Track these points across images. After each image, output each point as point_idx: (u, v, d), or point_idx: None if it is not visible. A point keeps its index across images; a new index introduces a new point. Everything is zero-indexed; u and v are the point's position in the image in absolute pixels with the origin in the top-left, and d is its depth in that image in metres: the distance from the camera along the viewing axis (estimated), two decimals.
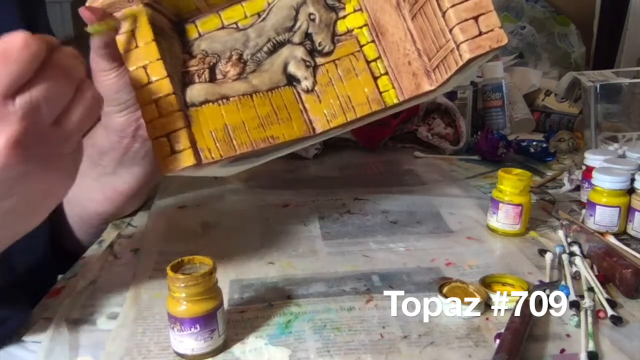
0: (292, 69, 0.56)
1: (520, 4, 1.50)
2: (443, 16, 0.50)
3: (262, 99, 0.54)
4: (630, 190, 0.63)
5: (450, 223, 0.67)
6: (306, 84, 0.56)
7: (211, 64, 0.54)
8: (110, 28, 0.49)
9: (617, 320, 0.46)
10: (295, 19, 0.56)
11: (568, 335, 0.44)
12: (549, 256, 0.56)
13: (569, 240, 0.60)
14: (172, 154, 0.50)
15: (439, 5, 0.50)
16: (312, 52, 0.56)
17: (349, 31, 0.57)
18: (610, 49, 1.49)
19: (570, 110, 1.19)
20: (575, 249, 0.57)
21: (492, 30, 0.50)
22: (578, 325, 0.45)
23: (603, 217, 0.63)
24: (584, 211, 0.67)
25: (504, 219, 0.63)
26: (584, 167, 0.73)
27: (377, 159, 0.97)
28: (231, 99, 0.54)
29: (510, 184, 0.62)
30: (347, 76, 0.56)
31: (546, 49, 1.46)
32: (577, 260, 0.54)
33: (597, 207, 0.63)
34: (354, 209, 0.72)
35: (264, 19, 0.56)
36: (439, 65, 0.53)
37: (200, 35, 0.55)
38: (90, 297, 0.51)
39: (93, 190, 0.64)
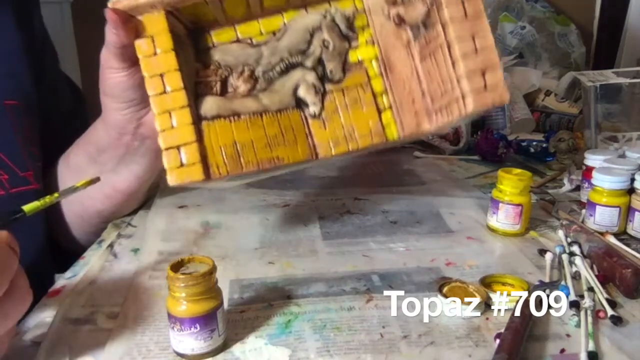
0: (302, 92, 0.56)
1: (520, 4, 1.50)
2: (452, 64, 0.51)
3: (271, 120, 0.55)
4: (630, 190, 0.63)
5: (450, 223, 0.67)
6: (314, 109, 0.57)
7: (223, 76, 0.54)
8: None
9: (617, 320, 0.46)
10: (309, 43, 0.57)
11: (568, 335, 0.44)
12: (549, 256, 0.56)
13: (569, 240, 0.60)
14: (181, 166, 0.50)
15: (450, 53, 0.51)
16: (323, 78, 0.57)
17: (360, 62, 0.58)
18: (610, 49, 1.49)
19: (570, 110, 1.19)
20: (575, 249, 0.57)
21: (496, 86, 0.51)
22: (578, 325, 0.45)
23: (603, 217, 0.63)
24: (584, 211, 0.67)
25: (504, 219, 0.63)
26: (584, 167, 0.73)
27: (377, 159, 0.97)
28: (242, 116, 0.54)
29: (510, 184, 0.62)
30: (353, 106, 0.57)
31: (546, 49, 1.46)
32: (577, 260, 0.54)
33: (597, 207, 0.63)
34: (354, 209, 0.72)
35: (278, 38, 0.56)
36: (441, 109, 0.55)
37: (214, 46, 0.55)
38: (90, 297, 0.51)
39: (92, 188, 0.64)
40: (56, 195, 0.45)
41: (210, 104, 0.53)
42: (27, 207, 0.42)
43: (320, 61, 0.57)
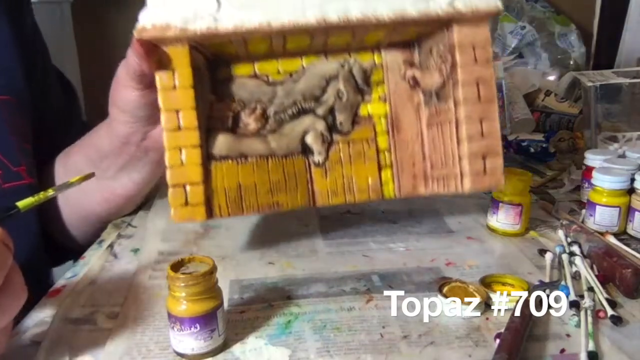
0: (310, 140, 0.57)
1: (520, 4, 1.50)
2: (457, 142, 0.53)
3: (277, 165, 0.56)
4: (630, 190, 0.63)
5: (450, 223, 0.67)
6: (319, 158, 0.57)
7: (236, 111, 0.55)
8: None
9: (617, 320, 0.46)
10: (324, 90, 0.57)
11: (568, 335, 0.44)
12: (549, 256, 0.56)
13: (569, 240, 0.60)
14: (186, 205, 0.51)
15: (457, 131, 0.53)
16: (331, 128, 0.58)
17: (369, 117, 0.58)
18: (610, 49, 1.49)
19: (570, 110, 1.19)
20: (575, 249, 0.57)
21: (495, 171, 0.53)
22: (578, 325, 0.45)
23: (603, 217, 0.63)
24: (584, 211, 0.67)
25: (504, 219, 0.63)
26: (584, 167, 0.73)
27: None
28: (249, 159, 0.55)
29: (510, 184, 0.62)
30: (356, 159, 0.58)
31: (546, 49, 1.46)
32: (577, 260, 0.54)
33: (597, 207, 0.63)
34: (354, 209, 0.72)
35: (295, 80, 0.56)
36: (439, 179, 0.57)
37: (231, 78, 0.55)
38: (90, 297, 0.51)
39: (92, 192, 0.64)
40: (50, 191, 0.45)
41: (220, 144, 0.54)
42: (21, 203, 0.42)
43: (332, 111, 0.57)
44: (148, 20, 0.48)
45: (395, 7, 0.50)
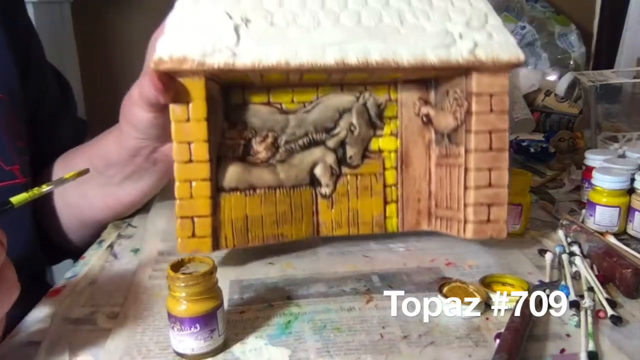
0: (319, 172, 0.57)
1: (520, 4, 1.50)
2: (464, 189, 0.54)
3: (284, 197, 0.56)
4: (630, 190, 0.63)
5: None
6: (326, 190, 0.58)
7: (247, 138, 0.55)
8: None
9: (617, 320, 0.46)
10: (337, 123, 0.57)
11: (568, 335, 0.44)
12: (549, 256, 0.56)
13: (569, 240, 0.60)
14: (192, 237, 0.51)
15: (465, 178, 0.54)
16: (341, 161, 0.58)
17: (380, 151, 0.58)
18: (610, 49, 1.49)
19: (570, 110, 1.19)
20: (575, 249, 0.57)
21: (498, 221, 0.54)
22: (578, 325, 0.45)
23: (603, 217, 0.63)
24: (584, 211, 0.67)
25: None
26: (584, 167, 0.73)
27: None
28: (257, 190, 0.55)
29: (510, 184, 0.62)
30: (363, 193, 0.58)
31: (546, 49, 1.46)
32: (577, 260, 0.54)
33: (597, 207, 0.63)
34: None
35: (308, 110, 0.56)
36: (442, 219, 0.58)
37: (244, 104, 0.55)
38: (90, 297, 0.51)
39: (95, 198, 0.64)
40: (44, 186, 0.44)
41: (230, 176, 0.54)
42: (15, 199, 0.42)
43: (343, 144, 0.57)
44: (165, 52, 0.47)
45: (416, 52, 0.50)
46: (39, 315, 0.48)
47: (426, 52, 0.50)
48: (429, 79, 0.57)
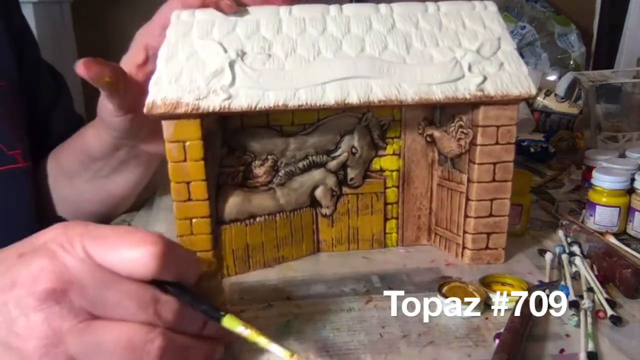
0: (319, 194, 0.57)
1: (520, 4, 1.50)
2: (465, 217, 0.54)
3: (284, 221, 0.56)
4: (630, 190, 0.63)
5: None
6: (326, 211, 0.57)
7: (246, 163, 0.53)
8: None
9: (616, 320, 0.46)
10: (337, 145, 0.56)
11: (567, 335, 0.44)
12: (548, 256, 0.56)
13: (569, 240, 0.60)
14: None
15: (465, 206, 0.54)
16: (342, 182, 0.57)
17: (381, 171, 0.58)
18: (610, 49, 1.49)
19: (570, 110, 1.19)
20: (575, 249, 0.57)
21: (496, 248, 0.55)
22: (577, 325, 0.45)
23: (603, 217, 0.63)
24: (584, 211, 0.67)
25: None
26: (584, 167, 0.73)
27: None
28: (257, 219, 0.54)
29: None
30: (363, 211, 0.58)
31: (546, 49, 1.46)
32: (577, 260, 0.54)
33: (597, 207, 0.63)
34: None
35: (308, 132, 0.54)
36: (441, 238, 0.58)
37: (242, 128, 0.53)
38: None
39: (86, 191, 0.65)
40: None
41: (230, 207, 0.53)
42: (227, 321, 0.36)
43: (344, 167, 0.56)
44: (158, 95, 0.45)
45: (421, 89, 0.48)
46: None
47: (432, 88, 0.48)
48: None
